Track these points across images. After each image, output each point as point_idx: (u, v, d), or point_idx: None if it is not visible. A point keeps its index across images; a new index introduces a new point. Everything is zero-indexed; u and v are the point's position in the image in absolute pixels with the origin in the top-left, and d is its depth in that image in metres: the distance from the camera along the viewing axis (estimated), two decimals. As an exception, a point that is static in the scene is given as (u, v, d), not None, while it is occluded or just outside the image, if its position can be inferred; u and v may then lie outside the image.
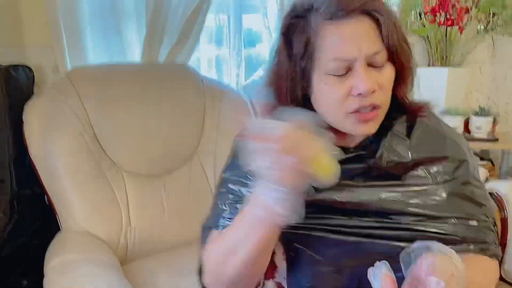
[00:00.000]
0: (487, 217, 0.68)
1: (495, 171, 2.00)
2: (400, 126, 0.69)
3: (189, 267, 1.16)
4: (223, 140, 1.41)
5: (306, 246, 0.65)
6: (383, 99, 0.64)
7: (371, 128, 0.65)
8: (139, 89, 1.32)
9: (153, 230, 1.26)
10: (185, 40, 1.54)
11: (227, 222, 0.68)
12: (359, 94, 0.61)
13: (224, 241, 0.64)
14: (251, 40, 2.00)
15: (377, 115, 0.64)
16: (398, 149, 0.67)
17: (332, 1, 0.62)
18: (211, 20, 1.79)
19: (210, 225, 0.71)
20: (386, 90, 0.64)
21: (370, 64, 0.62)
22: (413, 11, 1.97)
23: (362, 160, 0.67)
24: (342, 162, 0.65)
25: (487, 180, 1.61)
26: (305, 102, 0.67)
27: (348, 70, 0.62)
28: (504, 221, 1.49)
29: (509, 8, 1.85)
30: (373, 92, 0.62)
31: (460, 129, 1.94)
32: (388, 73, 0.64)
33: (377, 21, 0.61)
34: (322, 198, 0.65)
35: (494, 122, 2.00)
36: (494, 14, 1.87)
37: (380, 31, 0.61)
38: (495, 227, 0.71)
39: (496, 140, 1.90)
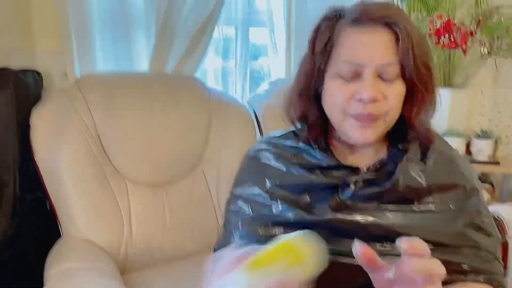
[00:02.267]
0: (496, 247, 0.68)
1: (496, 194, 2.00)
2: (414, 151, 0.69)
3: (189, 279, 1.17)
4: (227, 153, 1.42)
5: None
6: (386, 109, 0.64)
7: (370, 134, 0.65)
8: (146, 99, 1.32)
9: (154, 240, 1.25)
10: (193, 51, 1.55)
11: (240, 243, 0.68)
12: (361, 100, 0.62)
13: None
14: (257, 53, 2.03)
15: (375, 123, 0.64)
16: (414, 174, 0.66)
17: (358, 8, 0.64)
18: (218, 33, 1.81)
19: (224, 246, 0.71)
20: (391, 102, 0.64)
21: (380, 76, 0.63)
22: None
23: (377, 183, 0.66)
24: (356, 183, 0.66)
25: (488, 203, 1.61)
26: (317, 101, 0.70)
27: (357, 75, 0.63)
28: (505, 246, 1.50)
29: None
30: (376, 101, 0.62)
31: (462, 151, 1.95)
32: (397, 88, 0.64)
33: (396, 35, 0.62)
34: (338, 219, 0.64)
35: (496, 145, 2.01)
36: (498, 38, 1.90)
37: (398, 46, 0.62)
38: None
39: (497, 163, 1.91)
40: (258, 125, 1.67)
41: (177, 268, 1.22)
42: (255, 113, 1.72)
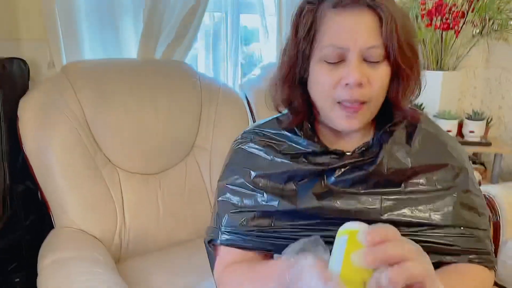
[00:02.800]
0: (486, 226, 0.68)
1: (487, 175, 2.02)
2: (400, 133, 0.69)
3: (183, 267, 1.17)
4: (219, 139, 1.41)
5: None
6: (372, 95, 0.63)
7: (356, 123, 0.64)
8: (135, 86, 1.31)
9: (148, 229, 1.25)
10: (182, 37, 1.53)
11: (230, 236, 0.68)
12: (347, 85, 0.61)
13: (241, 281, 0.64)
14: (249, 39, 2.00)
15: (362, 110, 0.63)
16: (398, 156, 0.66)
17: None
18: (208, 18, 1.78)
19: (214, 238, 0.71)
20: (377, 87, 0.63)
21: (365, 59, 0.62)
22: (409, 14, 1.98)
23: (361, 167, 0.66)
24: (341, 168, 0.66)
25: (480, 184, 1.63)
26: (302, 86, 0.69)
27: (342, 59, 0.62)
28: (496, 224, 1.51)
29: (503, 13, 1.87)
30: (361, 86, 0.61)
31: (454, 132, 1.96)
32: (382, 71, 0.63)
33: (380, 17, 0.61)
34: (322, 206, 0.64)
35: (487, 126, 2.02)
36: (489, 19, 1.90)
37: (382, 28, 0.61)
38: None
39: (489, 144, 1.92)
40: (250, 110, 1.66)
41: (171, 256, 1.22)
42: (247, 98, 1.71)
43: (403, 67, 0.64)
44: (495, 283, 1.56)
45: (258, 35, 1.91)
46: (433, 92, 2.02)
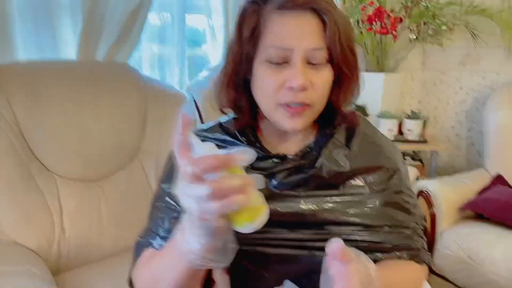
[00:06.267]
0: (417, 224, 0.71)
1: (425, 171, 2.15)
2: (340, 135, 0.70)
3: (126, 275, 1.13)
4: (166, 143, 1.38)
5: (249, 262, 0.64)
6: (315, 98, 0.64)
7: (299, 124, 0.65)
8: (74, 88, 1.25)
9: (90, 237, 1.20)
10: (125, 38, 1.48)
11: (162, 242, 0.66)
12: (291, 88, 0.62)
13: (152, 267, 0.62)
14: (197, 40, 1.98)
15: (305, 112, 0.64)
16: (338, 159, 0.67)
17: None
18: (154, 19, 1.74)
19: (144, 243, 0.69)
20: (320, 91, 0.64)
21: (309, 62, 0.62)
22: (351, 19, 2.06)
23: (302, 170, 0.67)
24: (282, 171, 0.66)
25: (418, 179, 1.72)
26: (246, 87, 0.68)
27: (285, 61, 0.62)
28: (433, 217, 1.62)
29: (437, 19, 2.00)
30: (305, 89, 0.62)
31: (395, 131, 2.07)
32: (325, 74, 0.64)
33: (323, 21, 0.62)
34: None
35: (424, 125, 2.15)
36: (424, 24, 2.02)
37: (325, 31, 0.62)
38: (424, 232, 0.74)
39: (425, 141, 2.04)
40: (198, 112, 1.65)
41: (116, 265, 1.18)
42: (194, 100, 1.69)
43: (345, 71, 0.65)
44: (434, 273, 1.67)
45: (206, 37, 1.90)
46: (375, 93, 2.12)
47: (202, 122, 1.60)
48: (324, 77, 0.64)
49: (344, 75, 0.66)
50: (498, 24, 1.90)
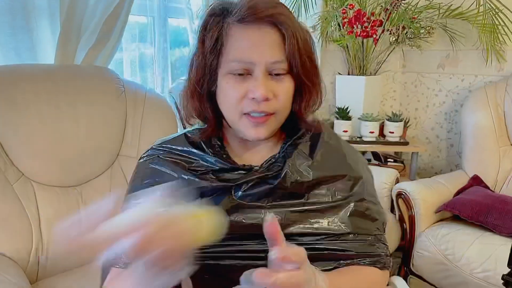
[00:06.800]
0: (379, 230, 0.72)
1: (406, 172, 2.18)
2: (303, 146, 0.72)
3: None
4: (146, 147, 1.37)
5: (215, 275, 0.64)
6: (277, 107, 0.66)
7: (262, 133, 0.66)
8: (52, 93, 1.23)
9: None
10: (105, 41, 1.46)
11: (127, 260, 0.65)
12: (253, 99, 0.63)
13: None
14: (179, 42, 1.97)
15: (268, 121, 0.66)
16: (301, 169, 0.69)
17: (245, 6, 0.64)
18: (135, 22, 1.73)
19: (111, 261, 0.65)
20: (282, 100, 0.66)
21: (270, 73, 0.64)
22: (333, 22, 2.08)
23: (267, 181, 0.68)
24: (247, 183, 0.67)
25: (397, 181, 1.75)
26: (211, 98, 0.69)
27: (248, 73, 0.64)
28: (411, 218, 1.64)
29: (416, 22, 2.04)
30: (268, 100, 0.64)
31: (376, 133, 2.09)
32: (286, 84, 0.66)
33: (283, 35, 0.64)
34: (230, 221, 0.64)
35: (405, 126, 2.19)
36: (403, 27, 2.05)
37: (285, 44, 0.64)
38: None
39: (406, 143, 2.07)
40: (180, 116, 1.64)
41: (94, 271, 1.17)
42: (176, 104, 1.69)
43: (305, 81, 0.67)
44: (413, 273, 1.68)
45: (188, 39, 1.89)
46: (357, 96, 2.15)
47: (184, 126, 1.60)
48: (285, 87, 0.66)
49: (305, 85, 0.68)
50: (475, 27, 1.94)
